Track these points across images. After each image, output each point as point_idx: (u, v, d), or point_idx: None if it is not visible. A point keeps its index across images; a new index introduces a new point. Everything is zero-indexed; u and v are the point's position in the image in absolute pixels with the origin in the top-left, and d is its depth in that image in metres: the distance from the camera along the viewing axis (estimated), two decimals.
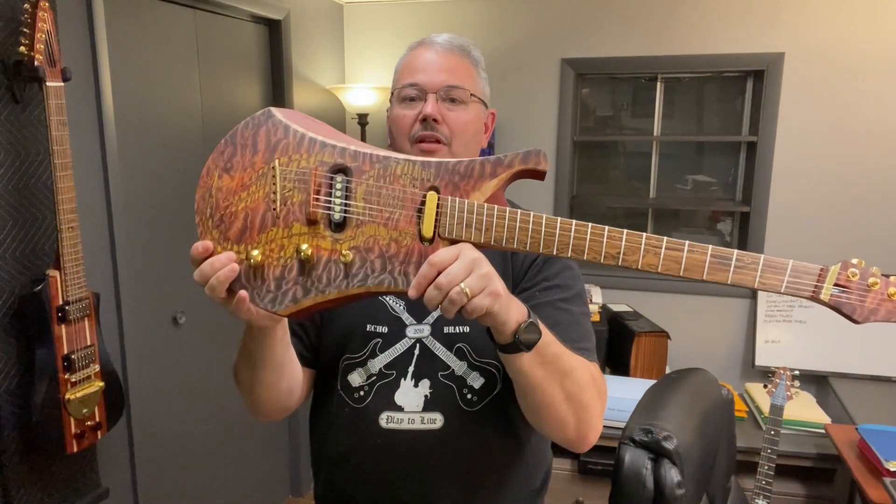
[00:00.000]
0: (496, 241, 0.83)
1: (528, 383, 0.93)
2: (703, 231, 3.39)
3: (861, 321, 0.78)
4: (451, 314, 0.80)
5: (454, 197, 0.84)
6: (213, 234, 0.88)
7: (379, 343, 1.10)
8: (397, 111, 1.10)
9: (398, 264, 0.84)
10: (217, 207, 0.88)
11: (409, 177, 0.86)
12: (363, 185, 0.86)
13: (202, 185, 0.89)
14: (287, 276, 0.86)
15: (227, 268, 0.85)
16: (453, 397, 1.07)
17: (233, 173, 0.88)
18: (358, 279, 0.85)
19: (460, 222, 0.84)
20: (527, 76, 3.19)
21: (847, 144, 2.89)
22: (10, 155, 1.64)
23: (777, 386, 2.31)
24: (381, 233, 0.85)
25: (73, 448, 1.72)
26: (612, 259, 0.80)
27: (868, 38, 2.80)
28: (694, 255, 0.78)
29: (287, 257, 0.86)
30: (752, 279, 0.77)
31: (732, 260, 0.77)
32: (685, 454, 1.39)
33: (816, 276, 0.77)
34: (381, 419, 1.08)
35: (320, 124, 0.93)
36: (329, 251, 0.86)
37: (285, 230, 0.86)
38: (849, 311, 0.77)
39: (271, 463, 3.09)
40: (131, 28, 2.12)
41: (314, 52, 3.13)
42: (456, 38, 1.13)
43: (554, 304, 1.06)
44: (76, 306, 1.69)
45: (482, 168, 0.85)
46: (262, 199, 0.87)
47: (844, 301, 0.77)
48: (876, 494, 1.95)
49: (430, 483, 1.08)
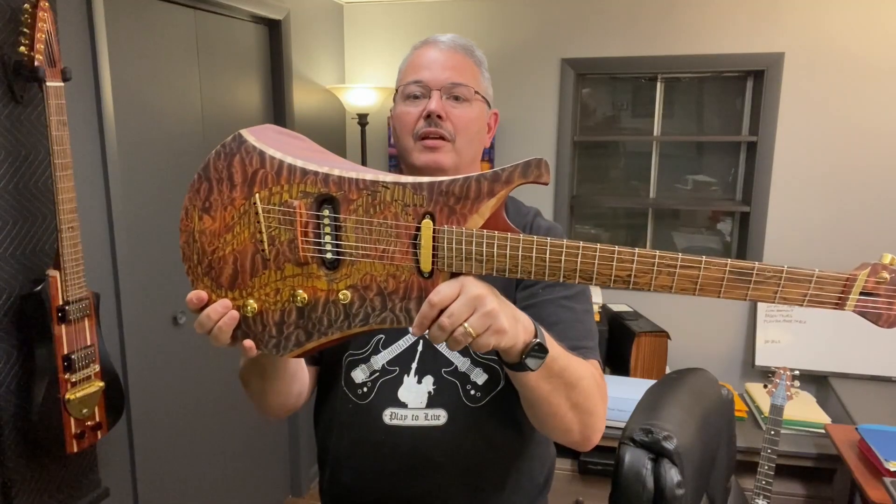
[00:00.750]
0: (498, 271, 0.78)
1: (534, 396, 0.92)
2: (702, 231, 3.39)
3: (886, 327, 0.73)
4: (456, 350, 0.79)
5: (450, 227, 0.78)
6: (204, 282, 0.85)
7: (382, 339, 1.11)
8: (401, 108, 1.11)
9: (398, 301, 0.80)
10: (204, 253, 0.85)
11: (401, 203, 0.79)
12: (352, 219, 0.81)
13: (184, 230, 0.86)
14: (287, 321, 0.84)
15: (226, 316, 0.84)
16: (457, 394, 1.07)
17: (213, 213, 0.84)
18: (359, 319, 0.82)
19: (458, 255, 0.78)
20: (527, 76, 3.19)
21: (847, 144, 2.89)
22: (10, 155, 1.64)
23: (777, 386, 2.31)
24: (378, 269, 0.81)
25: (73, 448, 1.72)
26: (623, 283, 0.74)
27: (868, 37, 2.80)
28: (711, 273, 0.72)
29: (284, 301, 0.84)
30: (773, 295, 0.72)
31: (753, 274, 0.71)
32: (685, 454, 1.39)
33: (842, 286, 0.71)
34: (385, 416, 1.08)
35: (296, 139, 0.90)
36: (326, 292, 0.82)
37: (277, 272, 0.83)
38: (873, 319, 0.73)
39: (271, 463, 3.09)
40: (131, 28, 2.12)
41: (314, 52, 3.13)
42: (460, 37, 1.14)
43: (557, 301, 1.06)
44: (76, 306, 1.69)
45: (479, 186, 0.78)
46: (248, 239, 0.84)
47: (870, 309, 0.72)
48: (876, 494, 1.95)
49: (434, 479, 1.08)
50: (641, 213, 3.38)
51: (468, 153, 1.11)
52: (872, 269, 0.71)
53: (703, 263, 0.72)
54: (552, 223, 1.16)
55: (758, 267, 0.71)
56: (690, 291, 0.74)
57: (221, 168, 0.85)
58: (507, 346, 0.80)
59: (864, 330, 2.88)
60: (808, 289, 0.71)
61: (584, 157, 3.38)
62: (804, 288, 0.71)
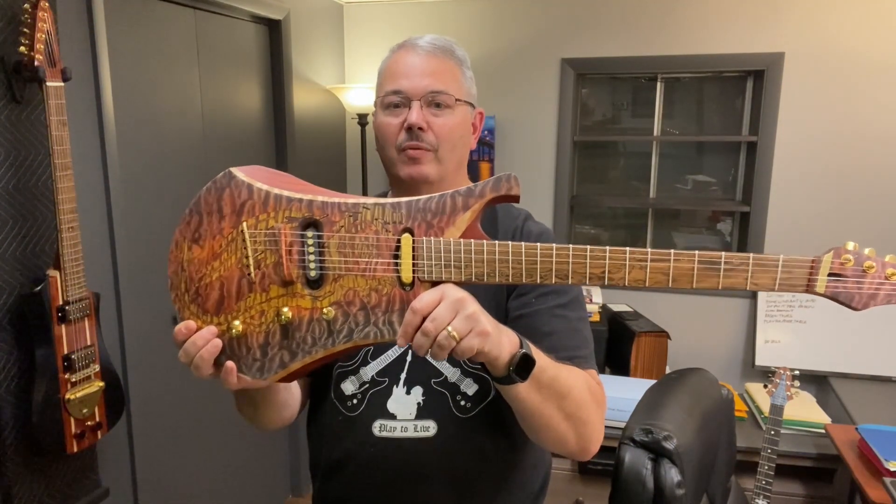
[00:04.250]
0: (477, 277, 0.81)
1: (525, 409, 0.92)
2: (702, 231, 3.39)
3: (861, 308, 0.75)
4: (442, 358, 0.79)
5: (428, 237, 0.82)
6: (191, 309, 0.87)
7: (370, 350, 1.09)
8: (382, 119, 1.09)
9: (381, 314, 0.82)
10: (191, 280, 0.87)
11: (381, 221, 0.83)
12: (335, 238, 0.84)
13: (173, 260, 0.88)
14: (271, 342, 0.85)
15: (210, 344, 0.85)
16: (447, 404, 1.06)
17: (202, 243, 0.87)
18: (343, 335, 0.84)
19: (438, 262, 0.82)
20: (527, 76, 3.19)
21: (847, 144, 2.89)
22: (10, 155, 1.64)
23: (777, 386, 2.31)
24: (360, 284, 0.83)
25: (73, 448, 1.72)
26: (598, 279, 0.78)
27: (868, 38, 2.80)
28: (681, 265, 0.76)
29: (268, 322, 0.85)
30: (744, 281, 0.75)
31: (721, 263, 0.75)
32: (685, 454, 1.39)
33: (809, 269, 0.75)
34: (374, 427, 1.07)
35: (284, 176, 0.91)
36: (310, 310, 0.84)
37: (263, 295, 0.85)
38: (846, 300, 0.75)
39: (271, 463, 3.09)
40: (131, 28, 2.12)
41: (314, 52, 3.13)
42: (439, 38, 1.11)
43: (551, 310, 1.04)
44: (76, 306, 1.69)
45: (454, 202, 0.83)
46: (235, 265, 0.86)
47: (841, 290, 0.75)
48: (876, 494, 1.95)
49: (424, 491, 1.07)
50: (641, 213, 3.38)
51: (452, 161, 1.09)
52: (836, 252, 0.75)
53: (672, 256, 0.76)
54: (543, 228, 1.14)
55: (725, 256, 0.75)
56: (664, 283, 0.77)
57: (212, 201, 0.88)
58: (490, 351, 0.80)
59: (864, 330, 2.88)
60: (776, 273, 0.75)
61: (583, 156, 3.38)
62: (773, 273, 0.75)
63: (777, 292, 0.70)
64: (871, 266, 0.74)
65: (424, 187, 1.07)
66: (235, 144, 2.68)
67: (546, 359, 0.90)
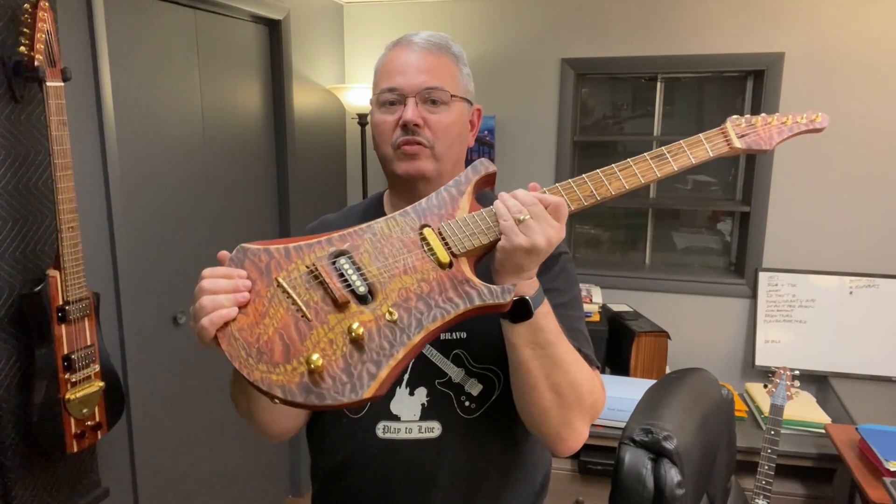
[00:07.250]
0: (501, 233, 0.90)
1: (514, 359, 0.94)
2: (702, 231, 3.39)
3: (771, 147, 0.98)
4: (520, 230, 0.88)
5: (446, 221, 0.93)
6: (260, 369, 0.85)
7: None
8: (378, 117, 1.09)
9: (438, 296, 0.88)
10: (249, 345, 0.86)
11: (398, 229, 0.93)
12: (366, 255, 0.91)
13: (222, 337, 0.87)
14: (352, 361, 0.85)
15: (225, 310, 0.85)
16: (451, 405, 1.06)
17: (245, 310, 0.88)
18: (413, 327, 0.87)
19: (465, 234, 0.91)
20: (527, 76, 3.18)
21: (847, 144, 2.89)
22: (10, 155, 1.64)
23: (777, 386, 2.31)
24: (407, 281, 0.89)
25: (73, 448, 1.73)
26: (592, 198, 0.94)
27: (868, 38, 2.80)
28: (641, 165, 0.95)
29: (341, 346, 0.86)
30: (688, 158, 0.95)
31: (665, 154, 0.95)
32: (685, 454, 1.39)
33: (724, 136, 0.97)
34: (378, 429, 1.06)
35: (291, 239, 0.95)
36: (374, 319, 0.87)
37: (324, 327, 0.87)
38: (758, 146, 0.98)
39: (271, 463, 3.10)
40: (131, 28, 2.12)
41: (314, 52, 3.13)
42: (434, 35, 1.10)
43: (553, 309, 1.05)
44: (76, 306, 1.69)
45: (449, 193, 0.96)
46: (285, 314, 0.88)
47: (752, 141, 0.98)
48: (876, 494, 1.95)
49: (428, 492, 1.06)
50: (641, 213, 3.38)
51: (450, 157, 1.09)
52: (732, 120, 0.99)
53: (632, 162, 0.95)
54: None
55: (665, 148, 0.96)
56: (637, 182, 0.95)
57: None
58: (540, 250, 0.88)
59: (864, 330, 2.88)
60: (703, 146, 0.96)
61: (584, 156, 3.38)
62: (701, 146, 0.96)
63: (711, 157, 0.93)
64: (757, 121, 0.99)
65: (421, 184, 1.08)
66: (235, 144, 2.68)
67: (555, 325, 0.93)
